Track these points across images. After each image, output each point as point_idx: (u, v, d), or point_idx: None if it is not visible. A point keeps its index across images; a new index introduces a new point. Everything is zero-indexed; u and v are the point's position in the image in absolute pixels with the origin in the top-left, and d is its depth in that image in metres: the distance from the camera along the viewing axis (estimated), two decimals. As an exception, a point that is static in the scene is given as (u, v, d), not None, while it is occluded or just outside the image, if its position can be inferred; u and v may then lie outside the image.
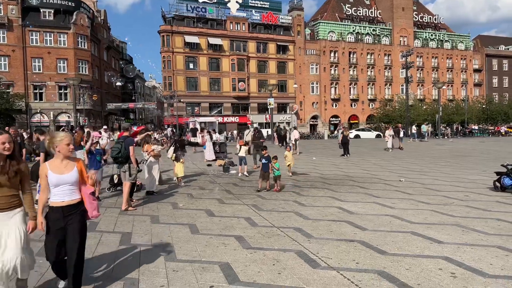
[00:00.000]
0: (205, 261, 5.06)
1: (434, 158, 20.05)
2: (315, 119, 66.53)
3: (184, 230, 6.65)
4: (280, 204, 8.78)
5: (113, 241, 6.06)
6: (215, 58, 60.06)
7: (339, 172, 14.71)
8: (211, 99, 59.89)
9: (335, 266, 4.81)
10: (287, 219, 7.34)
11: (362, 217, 7.43)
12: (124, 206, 8.21)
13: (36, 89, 48.27)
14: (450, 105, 65.12)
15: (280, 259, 5.10)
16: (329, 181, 12.19)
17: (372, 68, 71.16)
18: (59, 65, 48.61)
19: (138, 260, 5.16)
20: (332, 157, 21.34)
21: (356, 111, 69.89)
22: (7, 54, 46.34)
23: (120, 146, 8.14)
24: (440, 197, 9.40)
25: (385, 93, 71.59)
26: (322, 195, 9.86)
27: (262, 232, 6.40)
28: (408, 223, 6.92)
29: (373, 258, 5.09)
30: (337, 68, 68.34)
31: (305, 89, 64.79)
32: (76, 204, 3.90)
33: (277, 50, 63.81)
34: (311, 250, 5.44)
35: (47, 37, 48.26)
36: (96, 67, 54.84)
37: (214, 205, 8.72)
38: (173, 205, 8.84)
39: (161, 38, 57.64)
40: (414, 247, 5.55)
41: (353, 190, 10.60)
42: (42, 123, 46.74)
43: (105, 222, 7.33)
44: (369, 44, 70.88)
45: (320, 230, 6.49)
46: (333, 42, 68.11)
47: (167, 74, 57.80)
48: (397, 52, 71.07)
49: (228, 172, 14.73)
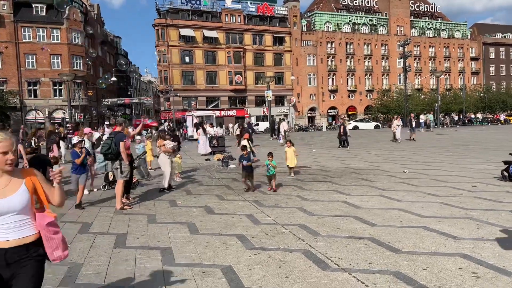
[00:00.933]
0: (205, 265, 4.69)
1: (436, 148, 19.72)
2: (313, 111, 66.11)
3: (182, 230, 6.28)
4: (283, 199, 8.42)
5: (107, 243, 5.69)
6: (211, 51, 59.42)
7: (341, 164, 14.36)
8: (207, 93, 59.34)
9: (347, 268, 4.45)
10: (290, 215, 6.99)
11: (369, 211, 7.08)
12: (119, 205, 7.83)
13: (30, 85, 47.59)
14: (448, 94, 64.82)
15: (287, 260, 4.74)
16: (331, 174, 11.84)
17: (369, 58, 70.65)
18: (53, 61, 47.88)
19: (134, 265, 4.79)
20: (332, 149, 20.99)
21: (354, 102, 69.50)
22: (0, 51, 45.57)
23: (110, 142, 7.72)
24: (448, 188, 9.06)
25: (383, 83, 71.20)
26: (325, 188, 9.50)
27: (265, 231, 6.04)
28: (419, 217, 6.58)
29: (386, 257, 4.74)
30: (334, 59, 67.80)
31: (303, 80, 64.29)
32: (29, 245, 2.56)
33: (274, 42, 63.17)
34: (319, 249, 5.09)
35: (40, 32, 47.49)
36: (91, 62, 54.11)
37: (213, 202, 8.36)
38: (171, 202, 8.47)
39: (156, 32, 56.90)
40: (429, 243, 5.20)
41: (357, 182, 10.25)
42: (37, 120, 46.16)
43: (99, 222, 6.96)
44: (365, 34, 70.31)
45: (326, 227, 6.13)
46: (330, 33, 67.49)
47: (163, 68, 57.16)
48: (394, 42, 70.57)
49: (227, 166, 14.36)
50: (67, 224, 6.89)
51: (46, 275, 4.55)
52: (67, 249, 2.75)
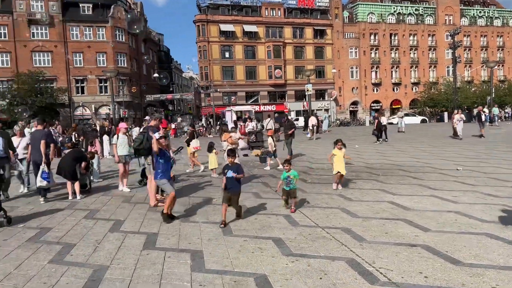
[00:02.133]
0: (238, 272, 4.25)
1: (490, 143, 18.25)
2: (355, 105, 64.29)
3: (215, 230, 5.88)
4: (323, 198, 7.84)
5: (137, 244, 5.39)
6: (251, 46, 59.12)
7: (386, 160, 13.50)
8: (247, 88, 59.15)
9: (399, 282, 3.86)
10: (332, 216, 6.42)
11: (421, 214, 6.38)
12: (152, 202, 7.58)
13: (78, 83, 49.40)
14: (501, 86, 60.84)
15: (328, 270, 4.20)
16: (376, 171, 11.08)
17: (415, 49, 67.65)
18: (98, 59, 49.43)
19: (161, 269, 4.44)
20: (376, 144, 20.00)
21: (399, 95, 66.89)
22: (50, 50, 47.60)
23: (142, 137, 7.47)
24: (510, 188, 8.11)
25: (430, 75, 67.94)
26: (370, 187, 8.81)
27: (304, 234, 5.52)
28: (479, 222, 5.81)
29: (445, 270, 4.09)
30: (378, 51, 65.50)
31: (344, 74, 62.61)
32: None
33: (314, 34, 61.89)
34: (365, 258, 4.51)
35: (87, 31, 49.12)
36: (135, 60, 55.41)
37: (250, 200, 7.93)
38: (206, 200, 8.13)
39: (197, 28, 57.33)
40: (495, 254, 4.49)
41: (405, 181, 9.46)
42: (84, 116, 47.88)
43: (131, 221, 6.71)
44: (411, 24, 67.32)
45: (373, 232, 5.52)
46: (373, 24, 65.22)
47: (204, 64, 57.55)
48: (442, 32, 67.17)
49: (265, 162, 13.90)
50: (99, 222, 6.70)
51: (68, 278, 4.32)
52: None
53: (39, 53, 47.25)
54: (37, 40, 46.85)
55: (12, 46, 45.91)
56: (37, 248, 5.39)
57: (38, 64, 46.38)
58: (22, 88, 41.69)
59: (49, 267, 4.65)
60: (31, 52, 46.64)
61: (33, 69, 43.93)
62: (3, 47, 45.73)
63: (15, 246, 5.51)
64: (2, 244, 5.61)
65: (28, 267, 4.71)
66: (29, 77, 42.04)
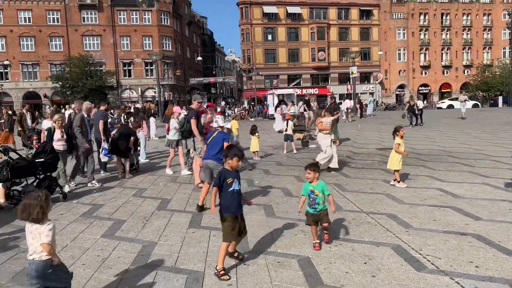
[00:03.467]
0: (281, 253, 4.30)
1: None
2: (401, 88, 62.02)
3: (258, 212, 5.95)
4: (368, 183, 7.71)
5: (183, 222, 5.57)
6: (294, 28, 58.19)
7: (434, 146, 13.00)
8: (289, 71, 58.51)
9: (447, 270, 3.74)
10: (377, 202, 6.30)
11: (472, 202, 6.12)
12: (197, 182, 7.76)
13: (125, 66, 50.98)
14: None
15: (373, 255, 4.15)
16: (423, 157, 10.69)
17: (468, 30, 63.84)
18: (144, 42, 50.65)
19: (206, 247, 4.57)
20: (424, 129, 19.27)
21: (449, 78, 63.70)
22: (99, 34, 49.33)
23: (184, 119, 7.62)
24: None
25: (483, 57, 64.05)
26: (417, 173, 8.53)
27: (348, 219, 5.46)
28: (536, 213, 5.49)
29: (497, 261, 3.92)
30: (428, 32, 62.42)
31: (391, 56, 60.37)
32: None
33: (360, 15, 59.87)
34: (412, 245, 4.41)
35: (133, 15, 50.33)
36: (179, 43, 56.28)
37: (292, 183, 7.93)
38: (248, 182, 8.22)
39: (240, 10, 57.12)
40: (554, 247, 4.24)
41: (455, 168, 9.08)
42: (131, 98, 49.50)
43: (178, 200, 6.93)
44: (465, 3, 63.41)
45: (420, 218, 5.37)
46: (423, 4, 62.06)
47: (246, 47, 57.43)
48: (499, 11, 62.80)
49: (307, 146, 13.81)
50: (147, 200, 6.97)
51: (119, 252, 4.55)
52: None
53: (89, 37, 49.07)
54: (87, 24, 48.65)
55: (64, 31, 47.97)
56: (90, 223, 5.70)
57: (88, 48, 48.24)
58: (74, 71, 43.72)
59: (102, 241, 4.92)
60: (81, 36, 48.53)
61: (83, 52, 45.79)
62: (56, 31, 47.88)
63: (71, 220, 5.86)
64: (59, 218, 5.98)
65: (83, 240, 5.01)
66: (80, 61, 43.93)
